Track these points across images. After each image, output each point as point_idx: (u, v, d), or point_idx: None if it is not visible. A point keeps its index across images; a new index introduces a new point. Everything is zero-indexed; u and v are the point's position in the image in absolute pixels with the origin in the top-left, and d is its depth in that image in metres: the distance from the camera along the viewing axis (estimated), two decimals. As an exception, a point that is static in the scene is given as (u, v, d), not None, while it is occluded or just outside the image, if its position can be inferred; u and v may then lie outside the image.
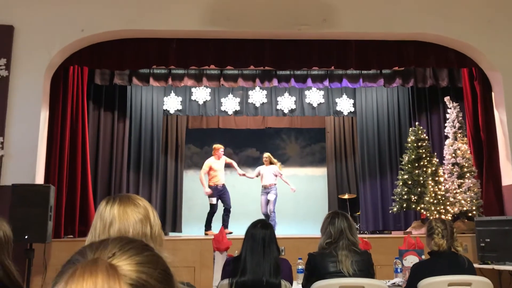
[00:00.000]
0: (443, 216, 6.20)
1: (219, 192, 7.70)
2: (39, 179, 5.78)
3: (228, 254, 4.10)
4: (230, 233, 7.18)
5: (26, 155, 5.70)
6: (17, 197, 5.12)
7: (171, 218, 8.68)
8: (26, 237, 4.95)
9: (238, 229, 7.31)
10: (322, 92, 8.77)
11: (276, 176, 8.07)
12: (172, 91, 8.66)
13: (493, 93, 6.53)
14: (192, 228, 8.68)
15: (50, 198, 5.24)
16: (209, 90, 8.60)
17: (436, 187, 6.58)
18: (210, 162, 7.85)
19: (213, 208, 7.64)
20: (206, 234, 7.26)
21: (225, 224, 7.50)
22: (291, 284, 3.24)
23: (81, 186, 6.45)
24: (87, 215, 6.36)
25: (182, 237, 7.26)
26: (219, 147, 7.95)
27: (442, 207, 6.45)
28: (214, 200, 7.65)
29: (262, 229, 3.19)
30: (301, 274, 3.73)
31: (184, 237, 7.41)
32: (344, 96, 8.92)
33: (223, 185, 7.75)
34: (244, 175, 8.16)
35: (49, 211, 5.17)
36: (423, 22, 6.30)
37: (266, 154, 8.24)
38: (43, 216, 5.11)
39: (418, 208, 6.70)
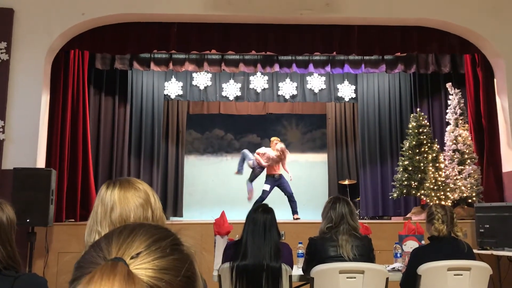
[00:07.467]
0: (443, 202, 6.21)
1: (276, 182, 7.48)
2: (40, 163, 5.78)
3: (229, 238, 4.12)
4: (298, 219, 7.12)
5: (27, 139, 5.70)
6: (19, 181, 5.14)
7: (172, 203, 8.71)
8: (28, 220, 4.98)
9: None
10: (323, 78, 8.73)
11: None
12: (173, 76, 8.62)
13: (495, 80, 6.50)
14: (193, 213, 8.73)
15: (52, 182, 5.26)
16: (210, 75, 8.56)
17: (436, 173, 6.58)
18: (266, 149, 7.62)
19: (263, 194, 7.35)
20: None
21: (293, 210, 7.33)
22: (292, 268, 3.27)
23: (82, 171, 6.46)
24: (88, 200, 6.38)
25: (183, 222, 7.29)
26: (272, 140, 7.73)
27: (442, 193, 6.46)
28: (267, 187, 7.41)
29: (263, 214, 3.22)
30: (301, 258, 3.76)
31: (185, 221, 7.44)
32: (346, 82, 8.88)
33: (280, 175, 7.50)
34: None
35: (50, 195, 5.19)
36: (426, 7, 6.24)
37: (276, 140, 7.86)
38: (44, 200, 5.13)
39: (418, 194, 6.71)
